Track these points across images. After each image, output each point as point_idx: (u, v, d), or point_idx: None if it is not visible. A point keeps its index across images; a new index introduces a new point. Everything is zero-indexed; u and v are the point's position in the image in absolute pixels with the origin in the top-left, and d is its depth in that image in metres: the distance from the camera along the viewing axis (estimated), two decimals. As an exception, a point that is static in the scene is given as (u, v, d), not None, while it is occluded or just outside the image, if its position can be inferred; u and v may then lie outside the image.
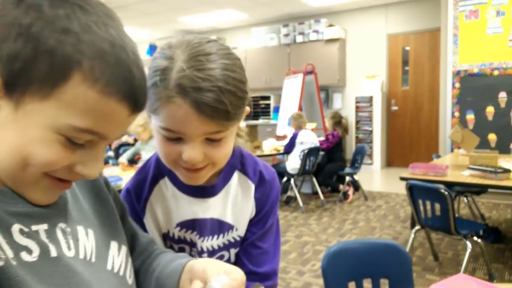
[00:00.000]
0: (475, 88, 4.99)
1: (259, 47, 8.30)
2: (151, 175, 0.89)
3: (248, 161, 0.93)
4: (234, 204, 0.90)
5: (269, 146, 5.11)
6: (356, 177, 5.12)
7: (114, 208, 0.70)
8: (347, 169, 5.17)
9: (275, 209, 0.95)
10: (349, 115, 7.27)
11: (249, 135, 4.88)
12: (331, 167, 5.16)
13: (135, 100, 0.51)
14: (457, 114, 5.13)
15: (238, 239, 0.92)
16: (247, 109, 0.82)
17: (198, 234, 0.88)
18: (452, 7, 5.09)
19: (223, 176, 0.89)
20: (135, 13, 7.16)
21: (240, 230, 0.91)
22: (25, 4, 0.47)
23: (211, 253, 0.90)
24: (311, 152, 4.64)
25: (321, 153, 5.10)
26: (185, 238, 0.89)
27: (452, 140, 3.90)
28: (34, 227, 0.53)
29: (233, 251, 0.92)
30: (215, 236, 0.89)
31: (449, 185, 2.87)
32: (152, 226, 0.87)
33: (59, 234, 0.56)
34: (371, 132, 7.15)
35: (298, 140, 4.75)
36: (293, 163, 4.73)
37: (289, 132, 5.13)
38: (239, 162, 0.91)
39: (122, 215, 0.72)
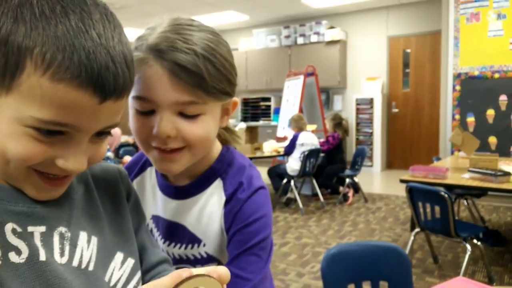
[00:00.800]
0: (476, 91, 5.00)
1: (259, 49, 8.31)
2: (143, 161, 0.87)
3: (234, 169, 0.80)
4: (205, 215, 0.79)
5: (270, 147, 5.11)
6: (356, 179, 5.12)
7: (129, 219, 0.67)
8: (347, 171, 5.17)
9: (255, 230, 0.75)
10: (350, 117, 7.27)
11: (249, 137, 4.88)
12: (331, 169, 5.16)
13: (99, 86, 0.47)
14: (457, 116, 5.13)
15: (205, 256, 0.79)
16: (235, 100, 0.74)
17: (161, 235, 0.82)
18: (453, 9, 5.09)
19: (200, 180, 0.79)
20: (136, 14, 7.17)
21: (209, 246, 0.79)
22: None
23: (174, 261, 0.81)
24: (311, 153, 4.64)
25: (321, 154, 5.10)
26: (154, 235, 0.83)
27: (452, 142, 3.90)
28: (30, 228, 0.52)
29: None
30: (178, 244, 0.80)
31: (449, 187, 2.87)
32: None
33: (56, 239, 0.54)
34: (371, 134, 7.15)
35: (298, 142, 4.75)
36: (293, 165, 4.73)
37: (290, 133, 5.13)
38: (224, 170, 0.79)
39: (137, 226, 0.69)
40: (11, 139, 0.48)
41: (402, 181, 2.84)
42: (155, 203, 0.83)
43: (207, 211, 0.78)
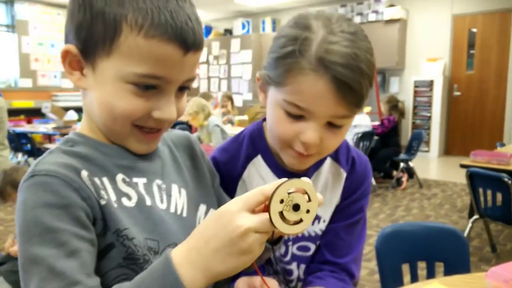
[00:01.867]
0: (549, 74, 4.62)
1: (314, 28, 8.14)
2: (245, 152, 0.85)
3: (341, 147, 0.86)
4: (323, 193, 0.83)
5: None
6: (411, 163, 4.96)
7: (207, 175, 0.76)
8: (402, 155, 5.02)
9: (365, 203, 0.87)
10: (407, 100, 6.98)
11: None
12: (385, 152, 5.04)
13: (183, 39, 0.56)
14: (526, 101, 4.79)
15: (319, 233, 0.86)
16: None
17: None
18: (528, -15, 4.70)
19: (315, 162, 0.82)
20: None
21: (326, 221, 0.86)
22: None
23: (295, 240, 0.86)
24: (365, 136, 4.56)
25: (375, 137, 4.98)
26: None
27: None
28: (134, 179, 0.62)
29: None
30: None
31: (514, 174, 2.73)
32: None
33: (155, 188, 0.64)
34: (429, 118, 6.85)
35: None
36: (346, 147, 4.67)
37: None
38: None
39: (212, 181, 0.78)
40: (116, 97, 0.57)
41: (463, 166, 2.74)
42: None
43: (327, 189, 0.85)
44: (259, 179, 0.84)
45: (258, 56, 8.51)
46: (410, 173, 5.04)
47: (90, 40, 0.56)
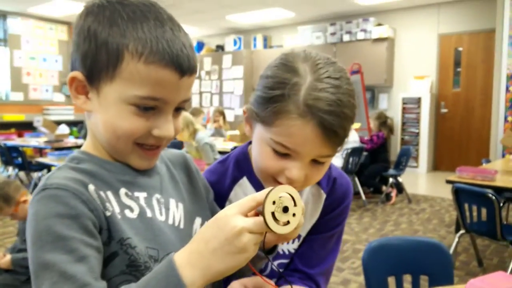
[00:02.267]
0: (532, 92, 4.77)
1: (304, 46, 8.28)
2: (231, 174, 0.89)
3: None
4: (307, 212, 0.88)
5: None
6: (400, 179, 5.04)
7: (202, 190, 0.82)
8: (391, 171, 5.10)
9: (342, 220, 0.92)
10: (395, 116, 7.11)
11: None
12: (374, 168, 5.11)
13: (178, 65, 0.61)
14: (510, 118, 4.93)
15: (292, 251, 0.90)
16: None
17: None
18: (509, 7, 4.88)
19: None
20: (186, 11, 7.39)
21: (303, 239, 0.90)
22: (84, 12, 0.63)
23: (275, 257, 0.90)
24: (355, 152, 4.64)
25: (365, 153, 5.06)
26: None
27: (503, 145, 3.77)
28: (136, 193, 0.67)
29: None
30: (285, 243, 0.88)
31: (498, 190, 2.80)
32: None
33: (154, 202, 0.69)
34: (417, 134, 6.98)
35: (341, 139, 4.73)
36: (335, 162, 4.73)
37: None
38: None
39: (207, 196, 0.84)
40: (119, 118, 0.62)
41: (448, 181, 2.80)
42: None
43: (308, 209, 0.89)
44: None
45: (249, 72, 8.63)
46: (399, 188, 5.11)
47: (95, 67, 0.61)
